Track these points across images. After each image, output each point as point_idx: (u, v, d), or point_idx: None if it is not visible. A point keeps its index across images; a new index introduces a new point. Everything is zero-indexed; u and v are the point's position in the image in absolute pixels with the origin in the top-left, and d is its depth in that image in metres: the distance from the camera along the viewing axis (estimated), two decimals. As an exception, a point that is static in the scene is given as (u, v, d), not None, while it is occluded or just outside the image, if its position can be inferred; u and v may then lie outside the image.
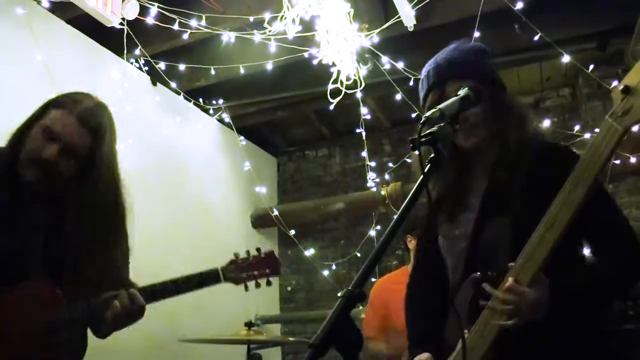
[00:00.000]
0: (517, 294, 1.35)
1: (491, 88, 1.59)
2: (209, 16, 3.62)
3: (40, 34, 3.37)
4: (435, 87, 1.62)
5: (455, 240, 1.61)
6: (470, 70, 1.60)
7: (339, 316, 0.96)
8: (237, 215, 5.13)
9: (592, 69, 3.88)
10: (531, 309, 1.35)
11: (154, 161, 4.23)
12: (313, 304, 5.53)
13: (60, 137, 1.68)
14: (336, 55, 3.52)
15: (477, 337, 1.42)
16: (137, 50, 3.82)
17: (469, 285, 1.49)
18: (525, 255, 1.38)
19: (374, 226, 4.90)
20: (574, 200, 1.35)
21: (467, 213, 1.60)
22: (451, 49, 1.68)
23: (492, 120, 1.57)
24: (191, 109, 4.63)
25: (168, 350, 3.87)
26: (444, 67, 1.62)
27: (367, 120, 4.36)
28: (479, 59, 1.64)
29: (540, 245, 1.36)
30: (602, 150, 1.36)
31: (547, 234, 1.35)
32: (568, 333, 1.40)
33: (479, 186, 1.61)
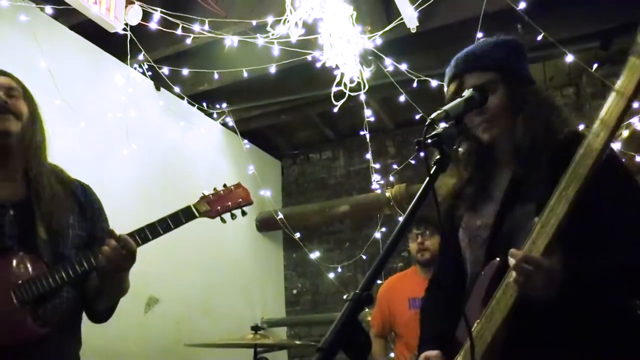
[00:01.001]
0: (531, 262, 1.30)
1: (512, 79, 1.56)
2: (211, 21, 3.63)
3: (44, 41, 3.38)
4: (453, 79, 1.61)
5: (476, 231, 1.58)
6: (488, 62, 1.57)
7: (347, 319, 0.96)
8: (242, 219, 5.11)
9: (596, 68, 3.88)
10: (545, 279, 1.29)
11: (158, 166, 4.24)
12: (319, 306, 5.53)
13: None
14: (339, 57, 3.52)
15: (487, 321, 1.39)
16: (140, 56, 3.83)
17: (487, 272, 1.46)
18: (542, 221, 1.33)
19: (379, 228, 4.90)
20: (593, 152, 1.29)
21: (489, 204, 1.58)
22: (477, 42, 1.68)
23: (513, 111, 1.55)
24: (195, 113, 4.64)
25: (175, 354, 3.87)
26: (461, 60, 1.62)
27: (370, 122, 4.35)
28: (499, 50, 1.61)
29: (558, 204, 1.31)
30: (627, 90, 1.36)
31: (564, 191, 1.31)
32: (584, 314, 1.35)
33: (502, 177, 1.59)
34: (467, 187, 1.63)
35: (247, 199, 2.07)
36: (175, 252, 3.87)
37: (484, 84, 1.53)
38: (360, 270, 5.31)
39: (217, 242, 4.70)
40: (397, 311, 3.54)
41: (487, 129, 1.56)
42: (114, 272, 1.75)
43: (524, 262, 1.30)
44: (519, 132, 1.54)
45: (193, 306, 4.28)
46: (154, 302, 3.79)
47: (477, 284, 1.49)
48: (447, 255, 1.71)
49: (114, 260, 1.71)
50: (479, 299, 1.44)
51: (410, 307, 3.47)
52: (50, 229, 1.77)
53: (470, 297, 1.50)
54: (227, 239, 4.89)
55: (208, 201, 2.00)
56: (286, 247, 5.77)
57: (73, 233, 1.83)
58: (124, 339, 1.93)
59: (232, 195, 2.04)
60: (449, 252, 1.70)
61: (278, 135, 5.82)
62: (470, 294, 1.51)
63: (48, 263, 1.74)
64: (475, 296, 1.48)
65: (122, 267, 1.75)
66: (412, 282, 3.52)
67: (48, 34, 3.49)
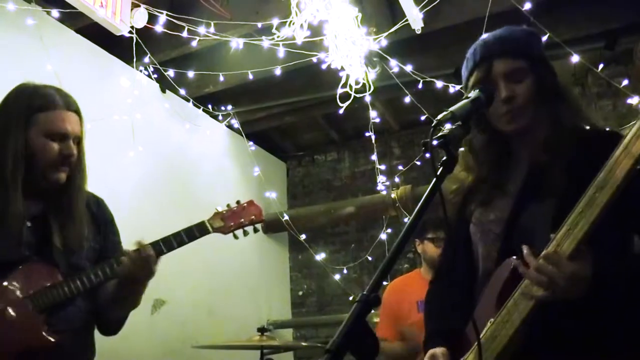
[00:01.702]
0: (554, 263, 1.25)
1: (541, 69, 1.53)
2: (217, 23, 3.64)
3: (50, 44, 3.40)
4: (481, 63, 1.55)
5: (489, 225, 1.53)
6: (519, 48, 1.54)
7: (355, 321, 0.96)
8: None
9: (602, 68, 3.87)
10: (568, 283, 1.24)
11: (163, 168, 4.25)
12: (324, 308, 5.53)
13: (67, 133, 1.81)
14: (344, 59, 3.52)
15: (503, 322, 1.35)
16: (146, 58, 3.85)
17: (503, 269, 1.41)
18: (569, 223, 1.25)
19: (384, 229, 4.89)
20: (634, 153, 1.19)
21: (504, 198, 1.53)
22: (501, 29, 1.61)
23: (540, 102, 1.51)
24: (200, 115, 4.65)
25: (181, 356, 3.88)
26: (492, 44, 1.56)
27: (376, 123, 4.36)
28: (529, 39, 1.58)
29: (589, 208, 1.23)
30: None
31: (597, 194, 1.22)
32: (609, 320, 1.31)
33: (520, 171, 1.54)
34: (480, 182, 1.59)
35: (259, 216, 2.12)
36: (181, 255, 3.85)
37: (513, 71, 1.51)
38: (366, 271, 5.31)
39: (223, 244, 4.67)
40: (406, 314, 3.51)
41: (513, 119, 1.51)
42: (133, 282, 1.78)
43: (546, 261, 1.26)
44: (544, 125, 1.49)
45: (199, 308, 4.29)
46: (161, 304, 3.80)
47: (491, 281, 1.44)
48: (455, 250, 1.66)
49: (134, 271, 1.74)
50: (493, 297, 1.40)
51: (419, 310, 3.45)
52: (66, 241, 1.80)
53: (483, 294, 1.46)
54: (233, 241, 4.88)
55: (222, 217, 2.04)
56: (292, 248, 5.77)
57: (87, 245, 1.86)
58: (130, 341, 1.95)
59: (245, 212, 2.09)
60: (457, 247, 1.64)
61: (283, 137, 5.83)
62: (483, 291, 1.47)
63: (63, 272, 1.76)
64: (488, 294, 1.44)
65: (140, 279, 1.79)
66: (419, 285, 3.49)
67: (54, 37, 3.50)
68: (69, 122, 1.82)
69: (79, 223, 1.82)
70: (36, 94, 1.84)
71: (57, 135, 1.80)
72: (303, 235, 5.03)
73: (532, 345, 1.34)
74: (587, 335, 1.31)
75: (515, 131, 1.53)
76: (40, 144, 1.78)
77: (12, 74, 3.26)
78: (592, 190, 1.23)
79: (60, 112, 1.81)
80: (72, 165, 1.83)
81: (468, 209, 1.61)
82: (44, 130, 1.79)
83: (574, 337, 1.33)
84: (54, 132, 1.80)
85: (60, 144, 1.80)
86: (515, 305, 1.33)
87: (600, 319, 1.30)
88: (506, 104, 1.50)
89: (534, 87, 1.51)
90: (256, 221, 2.11)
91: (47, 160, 1.79)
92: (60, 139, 1.80)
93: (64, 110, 1.83)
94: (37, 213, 1.81)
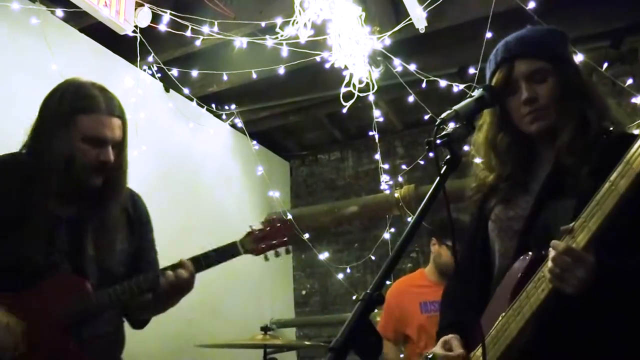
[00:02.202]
0: (573, 255, 1.22)
1: (564, 69, 1.51)
2: (221, 22, 3.64)
3: (54, 43, 3.41)
4: (502, 64, 1.54)
5: (508, 222, 1.52)
6: (541, 48, 1.52)
7: (359, 319, 0.96)
8: (251, 220, 5.09)
9: (606, 68, 3.86)
10: (584, 274, 1.22)
11: (167, 167, 4.26)
12: (328, 307, 5.53)
13: (106, 139, 1.78)
14: (348, 58, 3.52)
15: (515, 314, 1.33)
16: (150, 58, 3.85)
17: (519, 265, 1.40)
18: (585, 216, 1.23)
19: (388, 229, 4.89)
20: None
21: (525, 196, 1.51)
22: (524, 29, 1.60)
23: (564, 101, 1.48)
24: (204, 114, 4.65)
25: (185, 355, 3.89)
26: (512, 44, 1.55)
27: (379, 123, 4.35)
28: (552, 39, 1.56)
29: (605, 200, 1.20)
30: None
31: (613, 186, 1.19)
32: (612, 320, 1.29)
33: (541, 170, 1.52)
34: (503, 181, 1.57)
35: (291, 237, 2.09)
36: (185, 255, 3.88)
37: (535, 72, 1.50)
38: (369, 271, 5.30)
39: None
40: (409, 315, 3.51)
41: (535, 120, 1.50)
42: (174, 297, 1.82)
43: (565, 254, 1.23)
44: (568, 125, 1.47)
45: (203, 307, 4.29)
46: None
47: (507, 276, 1.43)
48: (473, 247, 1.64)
49: (177, 288, 1.77)
50: (508, 291, 1.39)
51: (422, 311, 3.44)
52: (99, 247, 1.78)
53: (498, 289, 1.45)
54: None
55: (254, 237, 2.02)
56: (295, 248, 5.73)
57: (121, 249, 1.84)
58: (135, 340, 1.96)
59: (278, 233, 2.05)
60: (474, 244, 1.63)
61: (287, 136, 5.83)
62: (498, 287, 1.46)
63: (93, 283, 1.74)
64: (503, 289, 1.43)
65: (182, 294, 1.82)
66: (422, 285, 3.50)
67: (59, 37, 3.51)
68: (109, 127, 1.77)
69: (113, 229, 1.80)
70: (80, 94, 1.80)
71: (95, 141, 1.76)
72: (306, 234, 5.03)
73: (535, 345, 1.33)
74: (590, 335, 1.30)
75: (538, 132, 1.51)
76: (78, 147, 1.75)
77: (16, 73, 3.29)
78: (608, 183, 1.20)
79: (101, 117, 1.77)
80: (108, 171, 1.80)
81: (488, 206, 1.60)
82: (83, 134, 1.75)
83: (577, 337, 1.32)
84: (93, 137, 1.76)
85: (98, 150, 1.76)
86: (527, 297, 1.32)
87: (604, 320, 1.29)
88: (528, 105, 1.49)
89: (557, 88, 1.49)
90: (288, 243, 2.07)
91: (84, 165, 1.76)
92: (98, 145, 1.76)
93: (106, 115, 1.78)
94: (73, 216, 1.79)
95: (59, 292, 1.69)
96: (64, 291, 1.70)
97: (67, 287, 1.71)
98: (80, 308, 1.70)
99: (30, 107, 3.41)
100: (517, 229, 1.48)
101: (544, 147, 1.55)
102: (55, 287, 1.70)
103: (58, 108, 1.78)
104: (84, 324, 1.73)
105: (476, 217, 1.64)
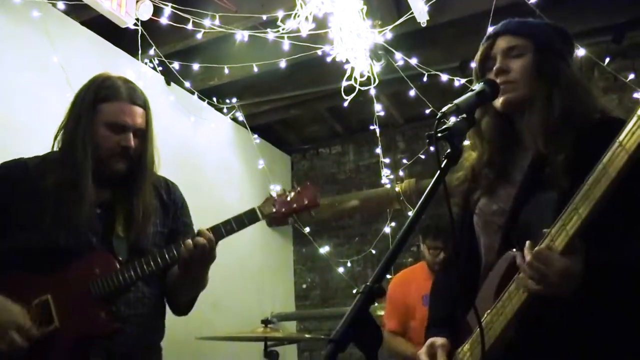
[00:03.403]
0: (544, 259, 1.22)
1: (546, 53, 1.50)
2: (222, 15, 3.63)
3: (56, 36, 3.40)
4: (486, 41, 1.58)
5: (492, 217, 1.52)
6: (524, 29, 1.54)
7: (359, 312, 0.97)
8: (252, 213, 5.13)
9: (608, 62, 3.85)
10: (559, 279, 1.21)
11: (168, 160, 4.20)
12: (328, 301, 5.54)
13: (127, 125, 1.86)
14: (349, 52, 3.52)
15: (498, 314, 1.34)
16: (151, 51, 3.85)
17: (502, 262, 1.40)
18: (563, 219, 1.22)
19: (388, 223, 4.90)
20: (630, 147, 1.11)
21: (508, 188, 1.50)
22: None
23: (538, 82, 1.48)
24: (205, 108, 4.65)
25: (185, 347, 3.90)
26: (499, 25, 1.58)
27: (380, 117, 4.35)
28: (543, 28, 1.57)
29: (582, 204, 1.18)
30: None
31: (590, 190, 1.17)
32: (603, 318, 1.29)
33: (524, 159, 1.51)
34: (485, 168, 1.57)
35: (313, 201, 1.95)
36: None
37: (513, 47, 1.50)
38: (370, 264, 5.31)
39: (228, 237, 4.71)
40: (412, 308, 3.52)
41: (503, 92, 1.49)
42: (197, 267, 1.82)
43: (537, 259, 1.23)
44: (545, 108, 1.46)
45: (203, 300, 4.27)
46: (165, 295, 3.81)
47: (491, 273, 1.43)
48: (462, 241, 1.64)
49: (197, 256, 1.77)
50: (492, 289, 1.40)
51: (424, 304, 3.45)
52: (129, 229, 1.84)
53: (484, 286, 1.45)
54: (237, 233, 4.90)
55: (273, 203, 1.97)
56: (296, 241, 5.78)
57: (154, 230, 1.90)
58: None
59: (299, 198, 1.95)
60: (462, 237, 1.63)
61: (288, 130, 5.83)
62: (483, 283, 1.46)
63: (122, 261, 1.81)
64: (488, 286, 1.43)
65: (204, 263, 1.83)
66: (424, 278, 3.51)
67: (60, 30, 3.51)
68: (130, 114, 1.87)
69: (144, 211, 1.86)
70: (103, 85, 1.89)
71: (116, 127, 1.85)
72: (307, 228, 5.04)
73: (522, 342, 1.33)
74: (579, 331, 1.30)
75: (504, 106, 1.50)
76: (101, 134, 1.85)
77: (18, 66, 3.28)
78: (586, 186, 1.19)
79: (122, 104, 1.87)
80: (132, 157, 1.87)
81: (472, 199, 1.59)
82: (105, 121, 1.85)
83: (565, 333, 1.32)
84: (114, 124, 1.85)
85: (120, 136, 1.85)
86: (509, 298, 1.33)
87: (591, 315, 1.29)
88: (498, 77, 1.49)
89: (532, 65, 1.49)
90: (311, 206, 1.96)
91: (107, 150, 1.85)
92: (120, 131, 1.85)
93: (127, 102, 1.87)
94: (106, 201, 1.87)
95: (88, 268, 1.77)
96: (93, 267, 1.78)
97: (96, 263, 1.78)
98: (109, 282, 1.76)
99: (31, 100, 3.42)
100: (500, 223, 1.48)
101: (523, 131, 1.54)
102: (85, 264, 1.78)
103: (84, 99, 1.88)
104: (117, 299, 1.79)
105: (462, 209, 1.64)
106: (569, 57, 1.57)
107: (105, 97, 1.86)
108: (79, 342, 1.73)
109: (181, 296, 1.98)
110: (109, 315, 1.76)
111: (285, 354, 4.70)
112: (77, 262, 1.78)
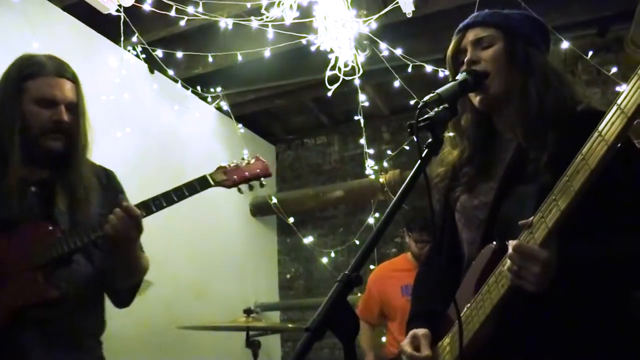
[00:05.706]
0: (526, 253, 1.20)
1: (518, 41, 1.48)
2: (206, 3, 3.59)
3: (36, 22, 3.35)
4: (456, 35, 1.57)
5: (473, 211, 1.50)
6: (492, 19, 1.53)
7: (336, 300, 0.97)
8: (236, 204, 5.13)
9: (591, 55, 3.87)
10: (540, 271, 1.19)
11: (151, 149, 4.22)
12: (312, 291, 5.56)
13: (56, 99, 1.80)
14: (334, 41, 3.50)
15: (477, 308, 1.34)
16: (134, 38, 3.80)
17: (483, 256, 1.39)
18: (542, 211, 1.20)
19: (372, 214, 4.91)
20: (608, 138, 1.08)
21: (488, 182, 1.49)
22: None
23: (510, 71, 1.47)
24: (189, 96, 4.61)
25: (166, 337, 3.89)
26: (469, 19, 1.57)
27: (365, 107, 4.34)
28: (508, 14, 1.56)
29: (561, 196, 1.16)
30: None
31: (569, 182, 1.15)
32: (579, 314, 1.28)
33: (504, 152, 1.50)
34: (465, 165, 1.56)
35: (265, 170, 2.03)
36: (168, 236, 3.87)
37: (482, 38, 1.50)
38: (354, 255, 5.24)
39: (211, 226, 4.70)
40: (390, 297, 3.57)
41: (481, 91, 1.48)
42: (121, 241, 1.76)
43: (518, 252, 1.21)
44: (522, 101, 1.45)
45: (185, 289, 4.29)
46: (147, 285, 3.78)
47: (472, 267, 1.43)
48: (443, 236, 1.63)
49: (120, 229, 1.72)
50: (472, 283, 1.39)
51: (403, 293, 3.50)
52: (71, 203, 1.81)
53: (464, 280, 1.45)
54: (221, 223, 4.89)
55: (225, 171, 1.99)
56: (280, 232, 5.78)
57: (94, 211, 1.85)
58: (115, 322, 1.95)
59: (250, 167, 2.02)
60: (444, 232, 1.62)
61: (273, 120, 5.81)
62: (465, 277, 1.46)
63: (64, 231, 1.77)
64: (468, 280, 1.43)
65: (128, 237, 1.76)
66: (404, 269, 3.57)
67: (41, 16, 3.45)
68: (59, 88, 1.81)
69: (84, 187, 1.82)
70: (26, 63, 1.83)
71: (46, 102, 1.79)
72: (291, 218, 5.04)
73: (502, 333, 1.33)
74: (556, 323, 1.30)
75: (483, 105, 1.50)
76: (31, 111, 1.78)
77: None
78: (565, 178, 1.17)
79: (49, 79, 1.81)
80: (67, 132, 1.82)
81: (453, 196, 1.59)
82: (34, 97, 1.79)
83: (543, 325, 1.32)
84: (43, 99, 1.79)
85: (50, 110, 1.79)
86: (488, 291, 1.32)
87: (568, 307, 1.29)
88: (469, 66, 1.49)
89: (502, 54, 1.48)
90: (262, 175, 2.03)
91: (39, 128, 1.79)
92: (50, 105, 1.80)
93: (53, 76, 1.81)
94: (44, 179, 1.82)
95: (30, 235, 1.74)
96: (35, 235, 1.75)
97: (37, 231, 1.75)
98: (51, 249, 1.73)
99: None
100: (482, 218, 1.47)
101: (502, 124, 1.54)
102: (26, 232, 1.75)
103: (7, 79, 1.83)
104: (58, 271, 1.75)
105: (443, 206, 1.64)
106: (543, 45, 1.55)
107: (30, 74, 1.80)
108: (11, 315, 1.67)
109: (119, 282, 1.89)
110: (48, 280, 1.72)
111: (268, 344, 4.71)
112: (13, 232, 1.74)
